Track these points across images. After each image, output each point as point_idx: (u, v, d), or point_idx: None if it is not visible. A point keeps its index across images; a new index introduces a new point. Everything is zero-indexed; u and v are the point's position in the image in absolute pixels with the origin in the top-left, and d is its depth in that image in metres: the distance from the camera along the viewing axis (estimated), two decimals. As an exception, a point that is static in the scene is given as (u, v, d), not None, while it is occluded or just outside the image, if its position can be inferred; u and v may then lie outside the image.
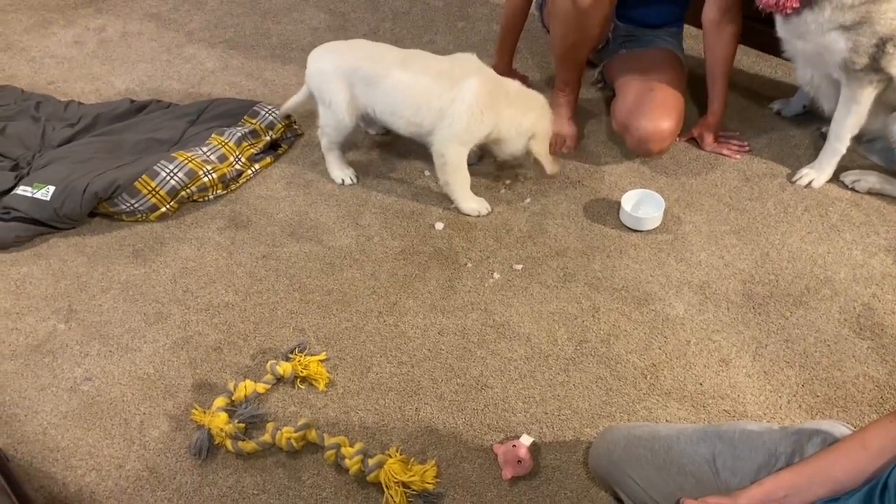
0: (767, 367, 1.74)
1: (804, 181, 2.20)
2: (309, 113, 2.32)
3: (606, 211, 2.16)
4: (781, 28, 2.04)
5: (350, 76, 2.06)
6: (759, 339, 1.80)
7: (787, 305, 1.88)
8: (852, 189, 2.19)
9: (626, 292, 1.93)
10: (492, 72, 2.08)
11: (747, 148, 2.35)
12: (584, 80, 2.41)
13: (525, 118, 2.05)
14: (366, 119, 2.23)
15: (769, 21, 2.07)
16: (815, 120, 2.41)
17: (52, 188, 2.06)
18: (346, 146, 2.32)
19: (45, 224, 2.08)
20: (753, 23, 2.15)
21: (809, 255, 2.01)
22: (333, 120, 2.14)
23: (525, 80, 2.64)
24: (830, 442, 1.18)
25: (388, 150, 2.41)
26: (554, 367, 1.76)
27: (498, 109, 2.02)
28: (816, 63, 2.04)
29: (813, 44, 1.96)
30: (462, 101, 1.98)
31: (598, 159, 2.35)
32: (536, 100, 2.10)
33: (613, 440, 1.41)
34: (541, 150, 2.11)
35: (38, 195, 2.06)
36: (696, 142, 2.38)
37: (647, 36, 2.41)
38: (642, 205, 2.13)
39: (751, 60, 2.73)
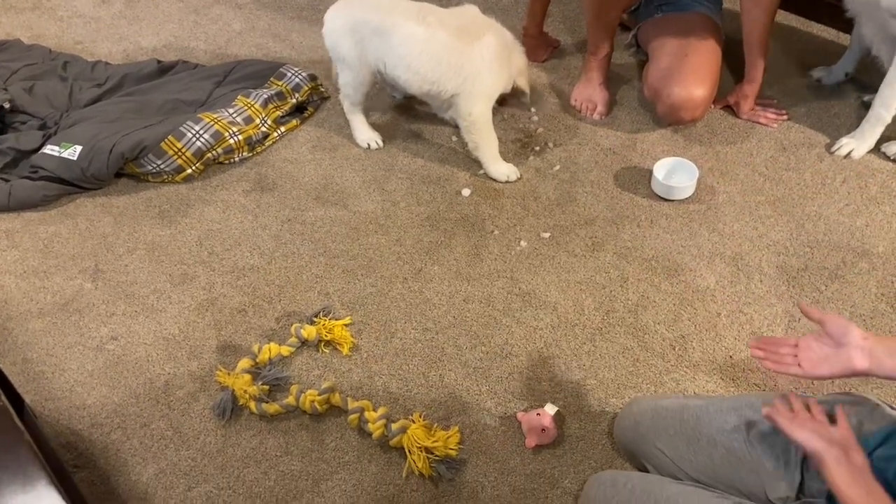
0: (800, 341, 1.70)
1: (843, 151, 2.13)
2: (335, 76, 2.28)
3: (638, 179, 2.11)
4: None
5: (359, 29, 2.02)
6: (792, 312, 1.76)
7: (823, 279, 1.83)
8: (895, 161, 2.11)
9: (655, 262, 1.89)
10: (496, 23, 2.06)
11: (785, 116, 2.28)
12: (617, 44, 2.35)
13: (513, 61, 2.09)
14: (388, 81, 2.19)
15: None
16: (856, 89, 2.34)
17: (78, 148, 2.06)
18: (372, 110, 2.30)
19: (72, 183, 2.09)
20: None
21: (847, 227, 1.95)
22: (350, 77, 2.12)
23: (556, 45, 2.60)
24: (863, 406, 1.15)
25: (415, 114, 2.37)
26: (580, 336, 1.74)
27: (509, 60, 2.05)
28: (875, 17, 1.94)
29: None
30: (482, 58, 1.97)
31: (631, 126, 2.29)
32: (510, 38, 2.10)
33: (640, 411, 1.38)
34: (525, 82, 2.16)
35: (66, 154, 2.06)
36: (731, 109, 2.31)
37: (685, 0, 2.33)
38: (675, 173, 2.08)
39: (791, 26, 2.64)
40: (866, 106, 2.13)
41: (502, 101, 2.28)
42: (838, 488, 0.99)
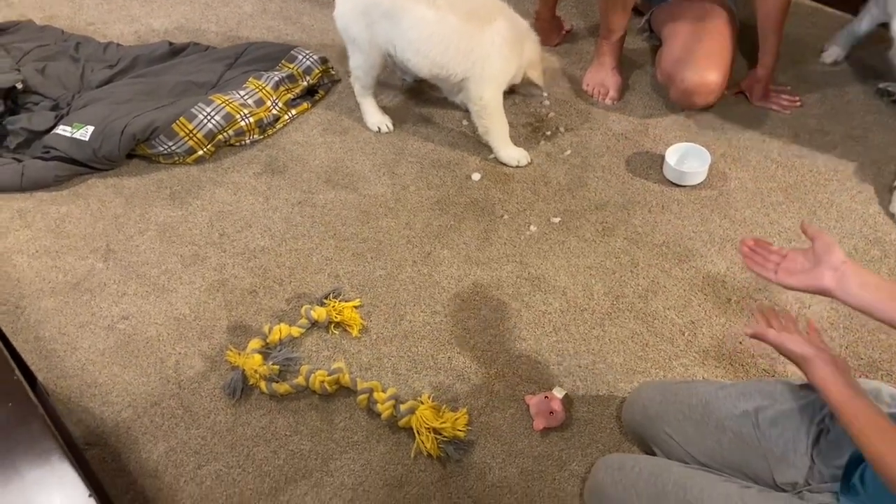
0: (810, 328, 1.70)
1: None
2: (347, 59, 2.28)
3: (650, 165, 2.10)
4: None
5: (370, 12, 2.00)
6: (802, 299, 1.75)
7: (834, 266, 1.82)
8: (908, 148, 2.10)
9: (666, 248, 1.89)
10: (509, 8, 2.03)
11: (798, 103, 2.26)
12: (630, 29, 2.33)
13: (526, 49, 2.07)
14: (398, 64, 2.19)
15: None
16: (872, 77, 2.31)
17: (90, 128, 2.07)
18: (382, 93, 2.29)
19: (83, 164, 2.10)
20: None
21: (859, 214, 1.94)
22: (360, 60, 2.11)
23: (569, 29, 2.59)
24: (875, 396, 1.14)
25: (426, 98, 2.36)
26: (589, 321, 1.73)
27: (521, 47, 2.03)
28: None
29: None
30: (493, 43, 1.96)
31: (643, 111, 2.28)
32: (524, 25, 2.08)
33: (649, 395, 1.38)
34: (538, 76, 2.14)
35: (77, 135, 2.07)
36: (745, 95, 2.29)
37: (699, -16, 2.31)
38: (687, 159, 2.07)
39: (805, 11, 2.62)
40: (881, 93, 2.10)
41: (512, 89, 2.27)
42: (826, 386, 1.06)
